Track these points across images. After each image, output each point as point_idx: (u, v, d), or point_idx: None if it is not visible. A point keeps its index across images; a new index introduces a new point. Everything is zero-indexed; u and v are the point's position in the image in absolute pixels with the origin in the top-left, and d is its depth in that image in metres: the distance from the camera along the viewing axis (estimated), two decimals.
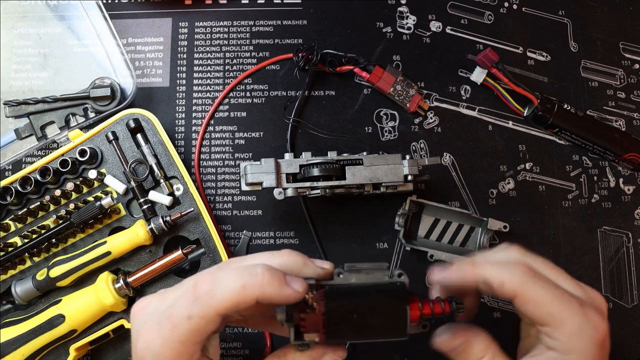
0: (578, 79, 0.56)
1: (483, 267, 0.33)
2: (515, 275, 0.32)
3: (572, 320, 0.31)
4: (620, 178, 0.54)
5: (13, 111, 0.50)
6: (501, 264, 0.33)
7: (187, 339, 0.30)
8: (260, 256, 0.34)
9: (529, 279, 0.32)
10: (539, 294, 0.32)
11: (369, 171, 0.46)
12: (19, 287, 0.46)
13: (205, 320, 0.30)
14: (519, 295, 0.32)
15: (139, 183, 0.48)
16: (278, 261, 0.33)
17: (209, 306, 0.30)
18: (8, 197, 0.47)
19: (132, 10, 0.56)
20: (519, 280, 0.32)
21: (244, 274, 0.30)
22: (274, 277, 0.31)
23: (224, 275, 0.31)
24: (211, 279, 0.31)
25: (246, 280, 0.30)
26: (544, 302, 0.32)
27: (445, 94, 0.55)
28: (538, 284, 0.32)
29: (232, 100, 0.55)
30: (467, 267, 0.34)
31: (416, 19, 0.56)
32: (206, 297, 0.30)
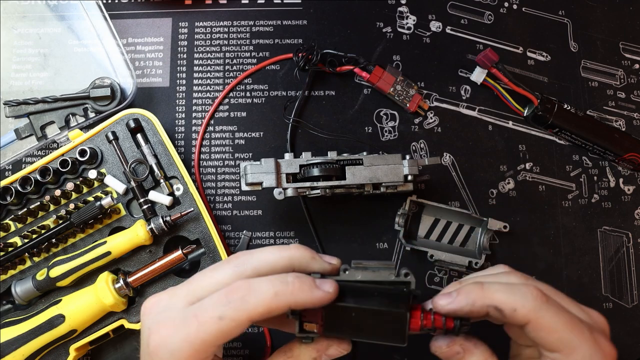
0: (578, 79, 0.56)
1: (493, 293, 0.32)
2: (528, 301, 0.31)
3: (584, 347, 0.31)
4: (620, 178, 0.54)
5: (13, 111, 0.50)
6: (512, 288, 0.32)
7: (212, 339, 0.31)
8: (268, 250, 0.34)
9: (541, 304, 0.31)
10: (553, 321, 0.31)
11: (369, 171, 0.46)
12: (19, 287, 0.46)
13: (236, 323, 0.31)
14: (532, 322, 0.31)
15: (139, 183, 0.48)
16: (287, 255, 0.34)
17: (243, 310, 0.31)
18: (8, 197, 0.47)
19: (132, 10, 0.56)
20: (532, 306, 0.31)
21: (275, 282, 0.31)
22: (304, 284, 0.32)
23: (258, 283, 0.32)
24: (246, 285, 0.32)
25: (278, 288, 0.31)
26: (556, 328, 0.31)
27: (445, 94, 0.55)
28: (551, 310, 0.32)
29: (232, 100, 0.55)
30: (476, 293, 0.32)
31: (416, 19, 0.56)
32: (240, 301, 0.31)
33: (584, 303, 0.51)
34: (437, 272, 0.52)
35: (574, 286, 0.52)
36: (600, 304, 0.52)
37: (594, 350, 0.31)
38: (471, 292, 0.33)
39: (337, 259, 0.35)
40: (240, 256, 0.34)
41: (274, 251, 0.34)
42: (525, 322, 0.32)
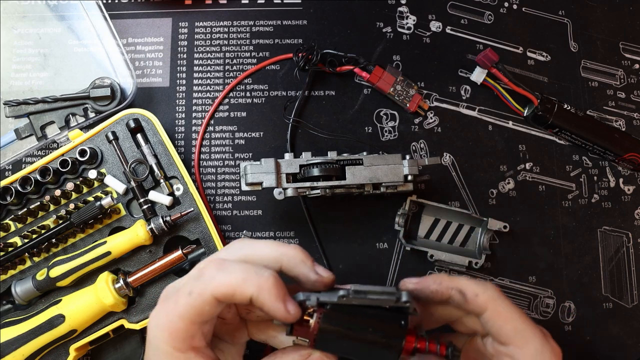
0: (578, 79, 0.56)
1: (459, 279, 0.36)
2: (489, 289, 0.35)
3: (535, 341, 0.34)
4: (620, 178, 0.54)
5: (13, 111, 0.50)
6: (474, 280, 0.36)
7: (185, 315, 0.31)
8: (265, 242, 0.35)
9: (499, 295, 0.35)
10: (509, 310, 0.34)
11: (369, 171, 0.46)
12: (19, 287, 0.46)
13: (202, 299, 0.31)
14: (490, 309, 0.34)
15: (139, 183, 0.48)
16: (279, 251, 0.34)
17: (207, 285, 0.32)
18: (8, 197, 0.47)
19: (132, 10, 0.56)
20: (492, 295, 0.34)
21: (250, 270, 0.32)
22: (275, 288, 0.32)
23: (232, 265, 0.32)
24: (220, 264, 0.33)
25: (249, 276, 0.32)
26: (512, 318, 0.34)
27: (445, 94, 0.55)
28: (507, 302, 0.35)
29: (232, 100, 0.55)
30: (444, 277, 0.36)
31: (416, 19, 0.56)
32: (208, 277, 0.32)
33: (584, 303, 0.51)
34: (437, 272, 0.52)
35: (574, 286, 0.52)
36: (600, 304, 0.52)
37: (544, 344, 0.34)
38: (439, 276, 0.36)
39: (329, 273, 0.35)
40: (241, 242, 0.36)
41: (270, 244, 0.35)
42: (485, 308, 0.34)
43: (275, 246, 0.35)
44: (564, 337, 0.51)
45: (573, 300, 0.52)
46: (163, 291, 0.35)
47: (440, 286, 0.35)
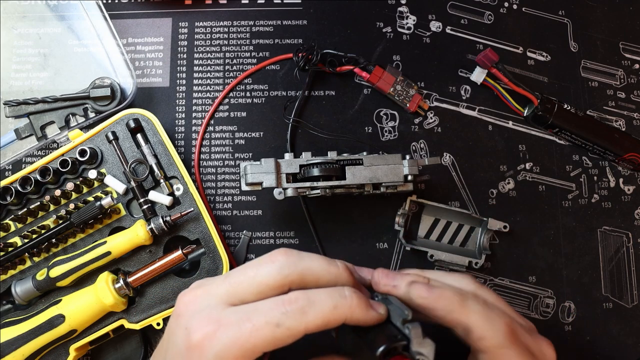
0: (578, 79, 0.56)
1: (471, 313, 0.33)
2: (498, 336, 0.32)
3: None
4: (620, 178, 0.54)
5: (13, 111, 0.50)
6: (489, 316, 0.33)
7: (264, 345, 0.30)
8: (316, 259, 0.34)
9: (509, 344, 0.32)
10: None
11: (369, 171, 0.46)
12: (19, 287, 0.46)
13: (291, 333, 0.30)
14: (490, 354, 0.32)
15: (139, 183, 0.48)
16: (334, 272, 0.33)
17: (301, 321, 0.30)
18: (8, 197, 0.47)
19: (132, 10, 0.56)
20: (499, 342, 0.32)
21: (334, 294, 0.31)
22: (361, 301, 0.32)
23: (317, 294, 0.31)
24: (304, 297, 0.31)
25: (337, 302, 0.31)
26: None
27: (445, 94, 0.55)
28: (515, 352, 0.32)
29: (232, 100, 0.55)
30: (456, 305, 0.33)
31: (416, 19, 0.56)
32: (300, 312, 0.30)
33: (584, 303, 0.51)
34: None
35: (574, 286, 0.52)
36: (600, 304, 0.52)
37: None
38: (451, 302, 0.33)
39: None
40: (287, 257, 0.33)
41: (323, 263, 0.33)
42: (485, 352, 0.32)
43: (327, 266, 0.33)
44: (564, 337, 0.51)
45: (573, 300, 0.52)
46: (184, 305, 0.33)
47: (447, 316, 0.33)
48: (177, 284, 0.47)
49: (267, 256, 0.34)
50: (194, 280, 0.47)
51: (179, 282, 0.47)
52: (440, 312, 0.33)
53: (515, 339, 0.32)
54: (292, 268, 0.32)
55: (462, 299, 0.33)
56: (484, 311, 0.33)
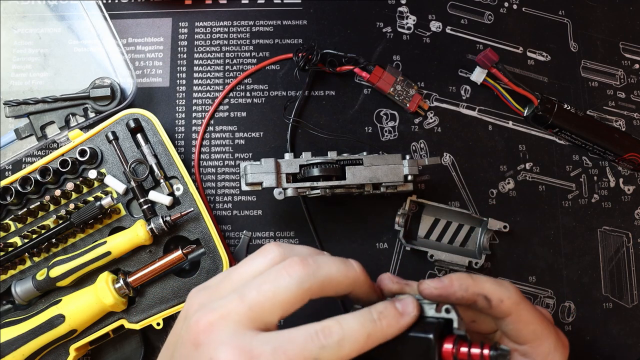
0: (578, 79, 0.56)
1: (483, 283, 0.35)
2: (513, 295, 0.35)
3: (550, 339, 0.36)
4: (620, 178, 0.54)
5: (13, 111, 0.50)
6: (498, 282, 0.35)
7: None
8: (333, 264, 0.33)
9: (522, 299, 0.35)
10: (530, 315, 0.35)
11: (369, 171, 0.46)
12: (19, 287, 0.46)
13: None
14: (514, 314, 0.35)
15: (139, 183, 0.48)
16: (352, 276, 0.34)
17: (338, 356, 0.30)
18: (8, 197, 0.47)
19: (132, 10, 0.56)
20: (515, 300, 0.35)
21: (366, 323, 0.31)
22: (391, 318, 0.31)
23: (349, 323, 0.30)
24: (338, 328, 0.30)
25: (370, 330, 0.31)
26: (532, 321, 0.35)
27: (445, 94, 0.55)
28: (528, 306, 0.36)
29: (232, 100, 0.55)
30: (468, 280, 0.35)
31: (416, 19, 0.56)
32: (337, 346, 0.30)
33: (584, 303, 0.51)
34: (437, 272, 0.52)
35: (574, 286, 0.52)
36: (600, 304, 0.52)
37: (557, 340, 0.36)
38: (463, 280, 0.35)
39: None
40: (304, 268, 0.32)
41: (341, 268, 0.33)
42: (509, 313, 0.35)
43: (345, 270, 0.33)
44: None
45: (573, 300, 0.52)
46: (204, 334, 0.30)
47: (466, 293, 0.34)
48: (177, 284, 0.47)
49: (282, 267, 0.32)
50: (194, 280, 0.47)
51: (179, 282, 0.47)
52: (459, 292, 0.34)
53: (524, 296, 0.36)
54: (312, 280, 0.31)
55: (470, 276, 0.35)
56: (492, 279, 0.36)
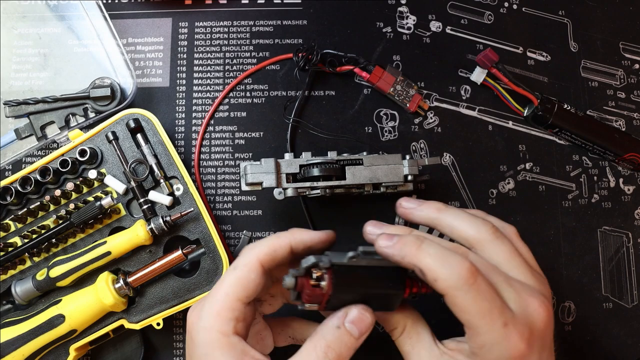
0: (578, 79, 0.56)
1: (425, 257, 0.33)
2: (452, 277, 0.32)
3: (488, 337, 0.32)
4: (620, 178, 0.54)
5: (13, 111, 0.50)
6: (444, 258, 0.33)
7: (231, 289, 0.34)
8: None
9: (463, 285, 0.32)
10: (467, 304, 0.32)
11: (369, 171, 0.46)
12: (19, 287, 0.46)
13: (248, 267, 0.35)
14: (447, 297, 0.32)
15: (139, 183, 0.48)
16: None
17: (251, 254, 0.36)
18: (8, 197, 0.47)
19: (132, 10, 0.56)
20: (452, 284, 0.32)
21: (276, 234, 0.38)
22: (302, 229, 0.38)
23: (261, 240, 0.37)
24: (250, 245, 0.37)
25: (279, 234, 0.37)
26: (468, 311, 0.32)
27: (445, 94, 0.55)
28: (470, 293, 0.32)
29: (232, 100, 0.55)
30: (410, 250, 0.33)
31: (416, 19, 0.56)
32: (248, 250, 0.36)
33: (584, 303, 0.51)
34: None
35: (574, 286, 0.52)
36: (600, 304, 0.52)
37: (499, 340, 0.32)
38: (406, 247, 0.34)
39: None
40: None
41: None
42: (443, 294, 0.33)
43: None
44: (564, 337, 0.51)
45: (573, 300, 0.52)
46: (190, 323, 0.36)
47: (402, 261, 0.34)
48: (177, 284, 0.47)
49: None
50: (194, 280, 0.47)
51: (179, 282, 0.47)
52: (397, 257, 0.34)
53: (474, 281, 0.32)
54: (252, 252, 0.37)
55: (419, 244, 0.34)
56: (439, 254, 0.33)
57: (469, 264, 0.32)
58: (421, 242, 0.34)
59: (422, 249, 0.33)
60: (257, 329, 0.41)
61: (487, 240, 0.36)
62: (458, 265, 0.32)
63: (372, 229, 0.39)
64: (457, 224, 0.37)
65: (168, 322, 0.48)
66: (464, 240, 0.36)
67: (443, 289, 0.32)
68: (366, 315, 0.34)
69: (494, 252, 0.36)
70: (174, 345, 0.50)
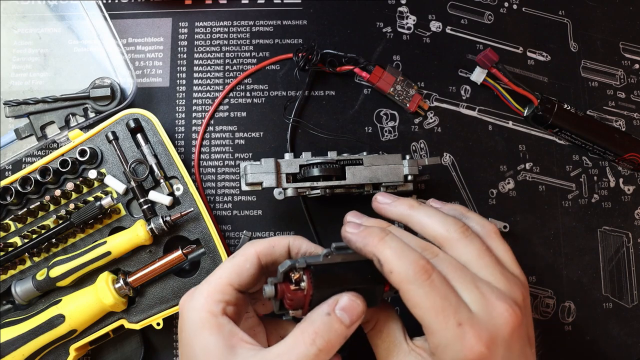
0: (578, 79, 0.56)
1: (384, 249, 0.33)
2: (406, 271, 0.32)
3: (441, 335, 0.31)
4: (620, 178, 0.54)
5: (13, 111, 0.50)
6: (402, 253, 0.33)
7: (225, 274, 0.36)
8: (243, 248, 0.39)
9: (416, 279, 0.31)
10: (420, 300, 0.31)
11: (369, 171, 0.46)
12: (19, 287, 0.46)
13: (244, 257, 0.37)
14: (401, 291, 0.32)
15: (139, 183, 0.48)
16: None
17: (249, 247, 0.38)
18: (8, 197, 0.47)
19: (132, 10, 0.56)
20: (405, 278, 0.32)
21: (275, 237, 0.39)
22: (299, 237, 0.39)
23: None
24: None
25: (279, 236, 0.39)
26: (421, 307, 0.31)
27: (445, 94, 0.55)
28: (423, 289, 0.31)
29: (232, 100, 0.55)
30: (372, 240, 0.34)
31: (416, 19, 0.56)
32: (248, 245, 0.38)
33: (584, 303, 0.51)
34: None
35: (574, 286, 0.52)
36: (600, 304, 0.52)
37: (454, 343, 0.31)
38: (369, 237, 0.34)
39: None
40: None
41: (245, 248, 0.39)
42: (397, 288, 0.33)
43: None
44: (564, 337, 0.51)
45: (573, 300, 0.52)
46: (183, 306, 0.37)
47: (362, 250, 0.34)
48: (177, 284, 0.47)
49: None
50: (194, 280, 0.47)
51: (179, 282, 0.47)
52: (359, 244, 0.34)
53: (428, 277, 0.32)
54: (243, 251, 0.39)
55: (382, 236, 0.34)
56: (399, 248, 0.33)
57: (424, 261, 0.32)
58: (385, 234, 0.34)
59: (384, 241, 0.33)
60: (250, 323, 0.41)
61: (456, 238, 0.35)
62: (414, 260, 0.32)
63: (351, 218, 0.39)
64: (427, 221, 0.37)
65: (168, 322, 0.48)
66: (433, 238, 0.36)
67: (397, 282, 0.32)
68: (357, 302, 0.33)
69: (463, 251, 0.35)
70: (174, 345, 0.50)
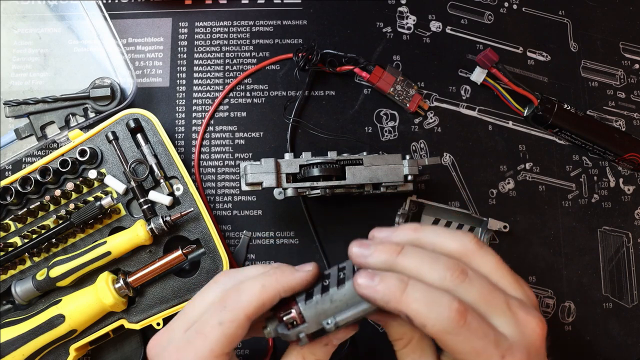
0: (578, 79, 0.56)
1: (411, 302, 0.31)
2: (441, 321, 0.30)
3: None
4: (620, 178, 0.54)
5: (13, 111, 0.50)
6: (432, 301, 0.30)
7: (219, 347, 0.33)
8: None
9: (454, 327, 0.30)
10: (460, 346, 0.30)
11: (369, 171, 0.46)
12: (19, 287, 0.46)
13: (236, 324, 0.33)
14: (440, 341, 0.31)
15: (139, 183, 0.48)
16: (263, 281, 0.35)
17: (239, 309, 0.33)
18: (8, 197, 0.47)
19: (132, 10, 0.56)
20: (442, 328, 0.30)
21: (259, 277, 0.35)
22: (284, 270, 0.35)
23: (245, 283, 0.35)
24: (235, 288, 0.34)
25: (264, 281, 0.34)
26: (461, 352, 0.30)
27: (445, 94, 0.55)
28: (462, 335, 0.30)
29: (232, 100, 0.55)
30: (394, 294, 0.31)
31: (416, 19, 0.56)
32: (234, 303, 0.34)
33: (584, 303, 0.51)
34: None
35: (574, 286, 0.52)
36: (600, 304, 0.52)
37: None
38: (389, 292, 0.31)
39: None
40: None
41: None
42: (435, 338, 0.31)
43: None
44: (564, 337, 0.51)
45: (573, 300, 0.52)
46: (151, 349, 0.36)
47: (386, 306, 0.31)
48: (177, 284, 0.47)
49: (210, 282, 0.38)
50: (194, 280, 0.47)
51: (179, 282, 0.47)
52: (380, 302, 0.32)
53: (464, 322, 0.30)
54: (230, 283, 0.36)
55: (404, 287, 0.31)
56: (425, 297, 0.31)
57: (457, 305, 0.30)
58: (405, 285, 0.31)
59: (408, 294, 0.31)
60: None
61: (473, 250, 0.34)
62: (446, 307, 0.30)
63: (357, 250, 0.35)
64: (439, 240, 0.34)
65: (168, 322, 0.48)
66: (449, 255, 0.34)
67: (433, 334, 0.30)
68: None
69: (482, 263, 0.34)
70: None
